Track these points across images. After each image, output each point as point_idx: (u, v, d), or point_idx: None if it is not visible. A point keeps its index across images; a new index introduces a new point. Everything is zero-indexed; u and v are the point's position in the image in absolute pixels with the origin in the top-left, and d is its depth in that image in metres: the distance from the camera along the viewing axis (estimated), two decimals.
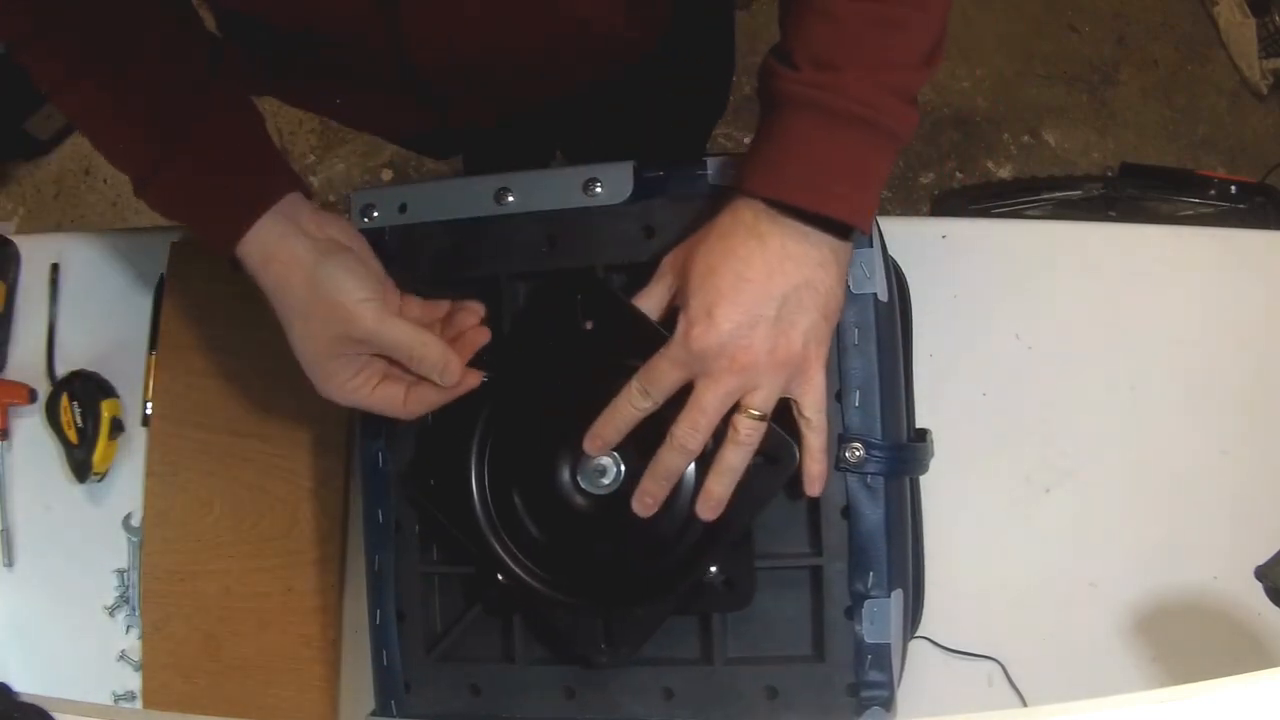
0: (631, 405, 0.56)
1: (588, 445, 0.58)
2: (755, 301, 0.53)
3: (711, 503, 0.57)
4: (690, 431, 0.55)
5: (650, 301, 0.59)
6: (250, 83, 0.67)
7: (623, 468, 0.60)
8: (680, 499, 0.59)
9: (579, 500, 0.61)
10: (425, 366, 0.59)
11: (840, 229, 0.54)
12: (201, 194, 0.60)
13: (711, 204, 0.61)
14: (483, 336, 0.62)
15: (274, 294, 0.59)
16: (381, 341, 0.59)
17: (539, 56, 0.70)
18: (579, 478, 0.60)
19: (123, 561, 0.85)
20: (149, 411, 0.85)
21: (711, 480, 0.56)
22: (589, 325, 0.61)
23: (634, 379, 0.56)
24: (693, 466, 0.58)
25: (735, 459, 0.56)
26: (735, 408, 0.55)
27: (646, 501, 0.57)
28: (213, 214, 0.60)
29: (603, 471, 0.60)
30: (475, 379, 0.61)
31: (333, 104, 0.76)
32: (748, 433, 0.55)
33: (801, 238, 0.53)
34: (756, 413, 0.55)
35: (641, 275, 0.63)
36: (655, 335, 0.59)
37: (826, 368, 0.57)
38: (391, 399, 0.60)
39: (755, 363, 0.53)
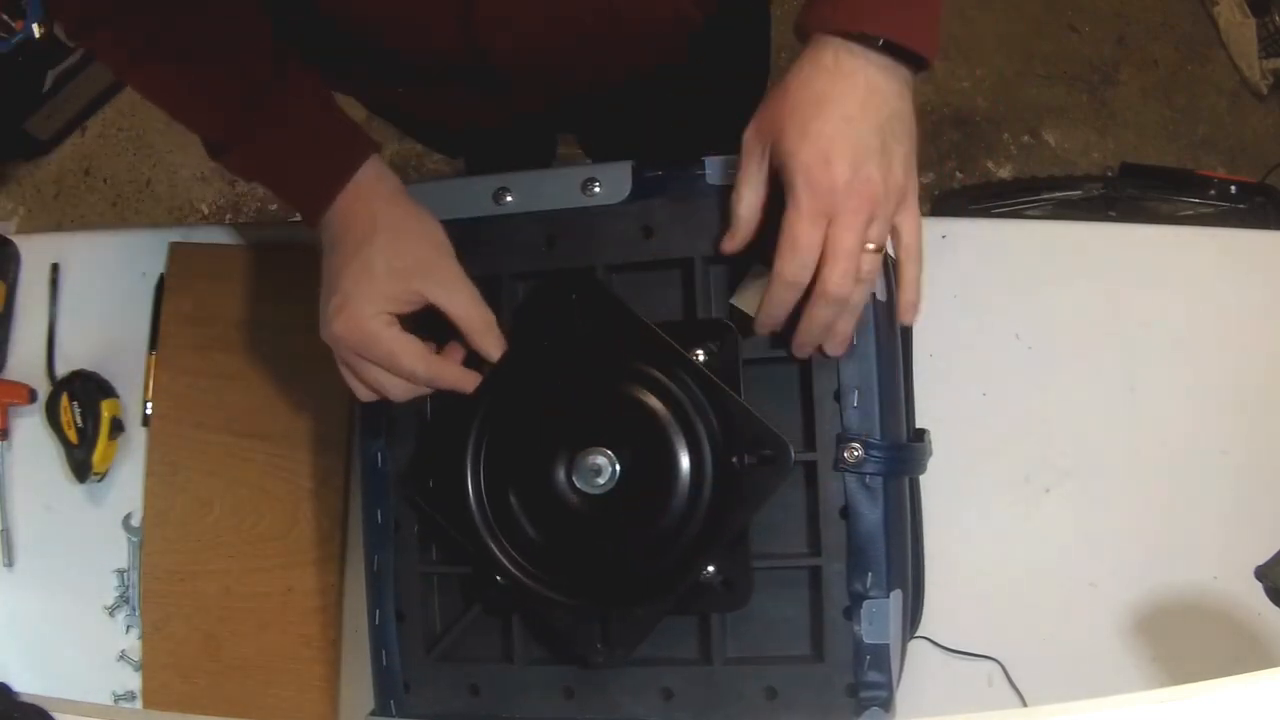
0: (790, 282, 0.55)
1: (760, 328, 0.58)
2: (861, 135, 0.53)
3: (839, 339, 0.58)
4: (843, 279, 0.55)
5: (751, 182, 0.57)
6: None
7: (618, 467, 0.60)
8: (679, 498, 0.59)
9: (575, 500, 0.61)
10: (478, 327, 0.60)
11: (912, 61, 0.55)
12: (291, 157, 0.61)
13: (715, 199, 0.61)
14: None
15: (361, 214, 0.59)
16: (456, 285, 0.60)
17: (602, 38, 0.70)
18: (575, 478, 0.61)
19: (123, 561, 0.85)
20: (149, 411, 0.85)
21: (842, 322, 0.57)
22: (584, 325, 0.61)
23: (779, 260, 0.55)
24: (687, 462, 0.59)
25: (859, 296, 0.56)
26: None
27: (806, 349, 0.58)
28: (305, 173, 0.61)
29: (598, 471, 0.60)
30: (500, 346, 0.62)
31: (394, 91, 0.76)
32: (869, 268, 0.56)
33: (883, 70, 0.54)
34: (873, 246, 0.55)
35: (641, 275, 0.64)
36: (652, 335, 0.59)
37: None
38: (414, 348, 0.59)
39: (876, 194, 0.54)
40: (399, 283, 0.58)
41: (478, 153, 1.15)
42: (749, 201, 0.58)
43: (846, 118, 0.53)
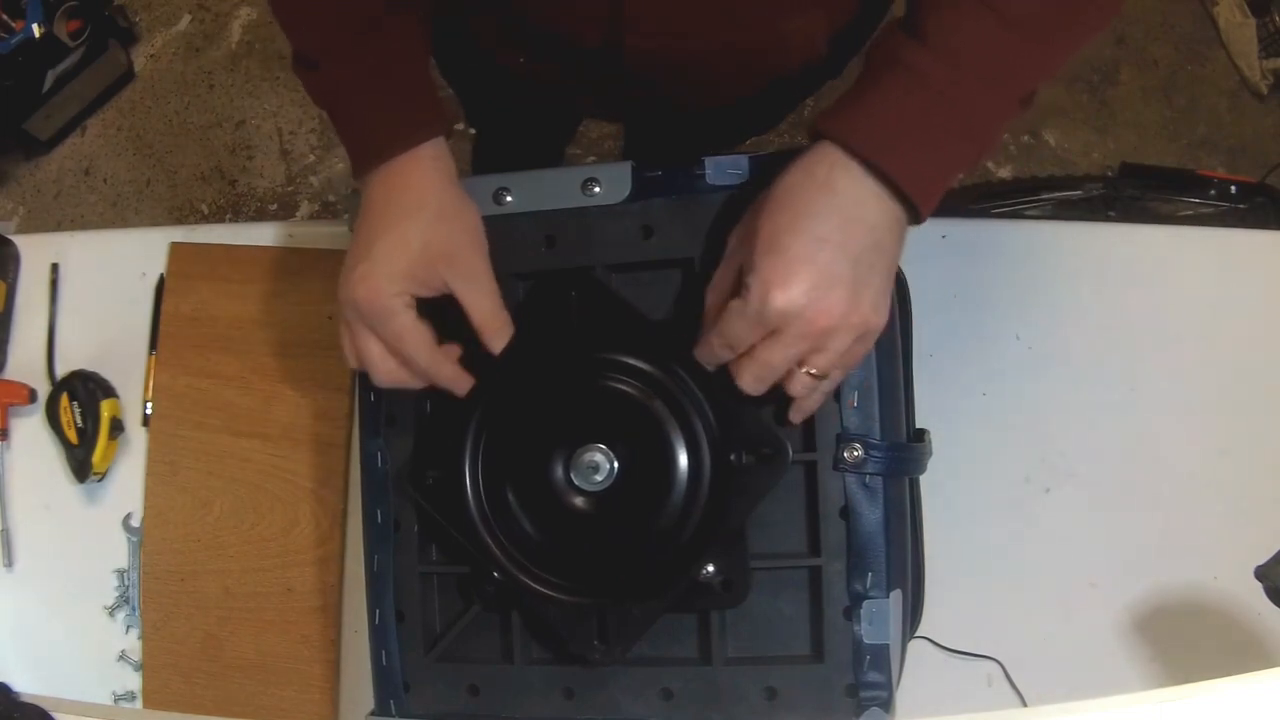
0: (709, 357, 0.56)
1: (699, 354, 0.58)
2: (832, 261, 0.51)
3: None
4: (755, 383, 0.55)
5: (721, 284, 0.57)
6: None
7: (616, 465, 0.60)
8: (677, 496, 0.59)
9: (573, 497, 0.61)
10: (492, 327, 0.60)
11: (908, 208, 0.53)
12: (368, 96, 0.59)
13: (715, 199, 0.61)
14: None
15: (412, 187, 0.58)
16: (481, 281, 0.59)
17: (734, 66, 0.70)
18: (573, 475, 0.61)
19: (123, 561, 0.85)
20: (149, 411, 0.86)
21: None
22: (581, 321, 0.61)
23: (712, 335, 0.55)
24: (685, 460, 0.59)
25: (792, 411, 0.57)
26: None
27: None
28: (375, 121, 0.59)
29: (596, 468, 0.60)
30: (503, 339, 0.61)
31: (514, 60, 0.74)
32: (802, 389, 0.55)
33: (874, 198, 0.52)
34: (814, 372, 0.54)
35: (640, 274, 0.64)
36: (652, 332, 0.59)
37: None
38: (422, 337, 0.59)
39: (831, 326, 0.52)
40: (428, 266, 0.58)
41: (500, 127, 1.13)
42: (713, 301, 0.58)
43: (820, 238, 0.51)
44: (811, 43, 0.68)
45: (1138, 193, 1.41)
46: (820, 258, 0.51)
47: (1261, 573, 0.60)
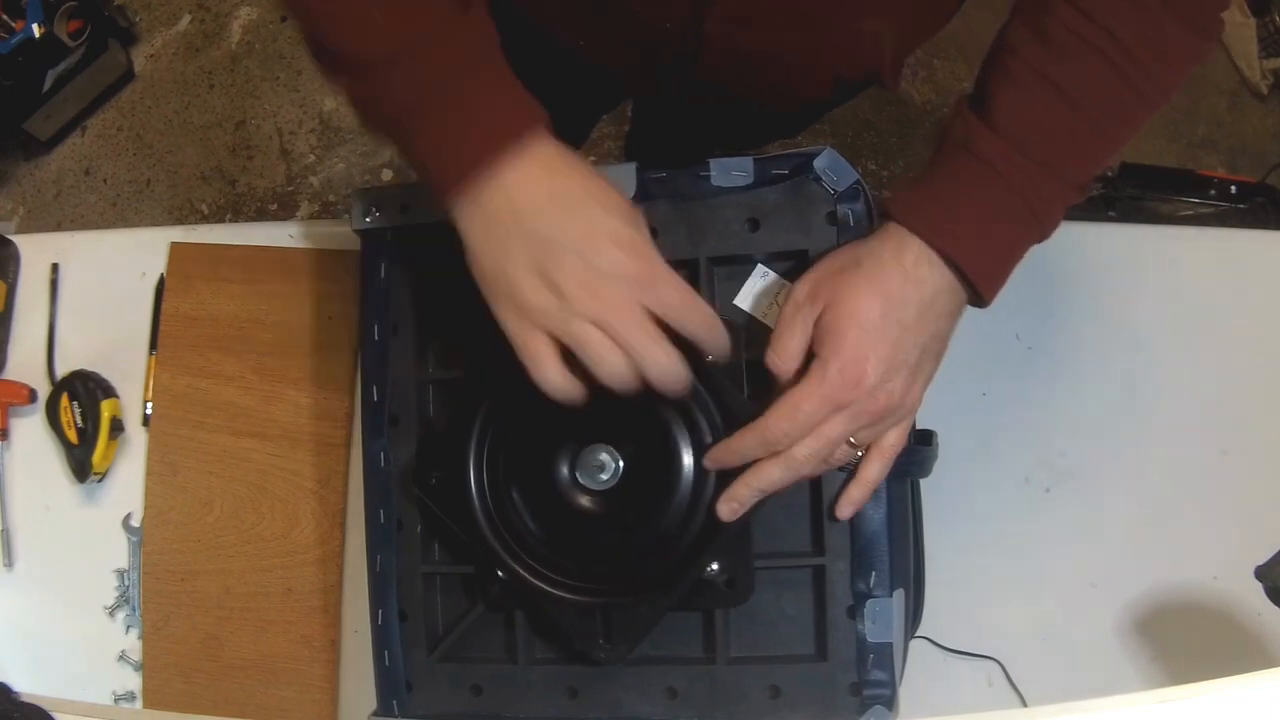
0: (771, 441, 0.55)
1: (710, 462, 0.58)
2: (904, 347, 0.54)
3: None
4: (811, 455, 0.55)
5: (795, 338, 0.55)
6: None
7: (621, 463, 0.60)
8: (682, 495, 0.59)
9: (578, 496, 0.61)
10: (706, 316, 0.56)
11: (974, 295, 0.55)
12: (473, 93, 0.50)
13: (719, 201, 0.61)
14: None
15: (558, 183, 0.51)
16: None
17: (807, 62, 0.70)
18: (578, 474, 0.61)
19: (123, 561, 0.85)
20: (149, 411, 0.85)
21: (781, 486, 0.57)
22: None
23: (773, 416, 0.54)
24: (690, 459, 0.59)
25: (814, 473, 0.57)
26: None
27: (733, 506, 0.57)
28: (483, 119, 0.50)
29: (601, 467, 0.60)
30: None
31: (575, 41, 0.72)
32: (839, 459, 0.57)
33: (950, 291, 0.55)
34: (854, 442, 0.56)
35: None
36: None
37: None
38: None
39: (889, 406, 0.54)
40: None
41: None
42: (794, 352, 0.55)
43: (903, 324, 0.53)
44: (878, 50, 0.69)
45: (1138, 193, 1.41)
46: (897, 341, 0.54)
47: (1261, 573, 0.61)
